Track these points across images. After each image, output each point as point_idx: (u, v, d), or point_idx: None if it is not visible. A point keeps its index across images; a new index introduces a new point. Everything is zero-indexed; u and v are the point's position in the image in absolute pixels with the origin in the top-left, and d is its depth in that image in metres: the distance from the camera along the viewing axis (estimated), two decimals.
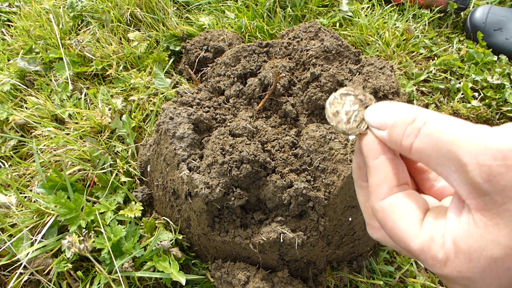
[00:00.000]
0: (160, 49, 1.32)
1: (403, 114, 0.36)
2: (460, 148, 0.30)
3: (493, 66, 1.40)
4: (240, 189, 0.75)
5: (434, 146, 0.32)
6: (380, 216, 0.38)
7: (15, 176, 0.99)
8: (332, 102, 0.43)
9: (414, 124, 0.35)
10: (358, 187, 0.44)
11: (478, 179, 0.29)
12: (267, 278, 0.80)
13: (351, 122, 0.42)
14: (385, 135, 0.38)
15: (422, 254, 0.34)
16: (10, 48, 1.34)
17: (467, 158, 0.29)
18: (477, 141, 0.29)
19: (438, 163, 0.32)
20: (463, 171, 0.30)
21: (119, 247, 0.83)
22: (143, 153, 1.01)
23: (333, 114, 0.43)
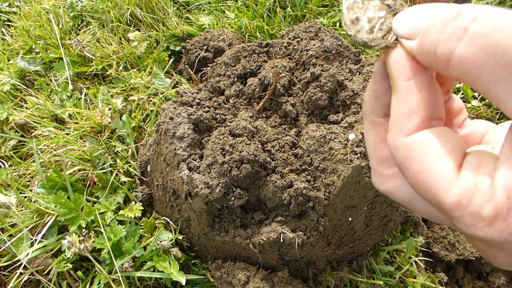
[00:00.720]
0: (160, 49, 1.32)
1: (443, 11, 0.25)
2: None
3: None
4: (240, 189, 0.75)
5: (490, 52, 0.22)
6: (402, 155, 0.28)
7: (15, 176, 0.99)
8: (351, 7, 0.33)
9: (457, 21, 0.24)
10: (370, 123, 0.35)
11: None
12: (267, 278, 0.80)
13: (375, 31, 0.32)
14: (416, 44, 0.27)
15: (458, 209, 0.25)
16: (10, 48, 1.34)
17: None
18: None
19: (493, 79, 0.23)
20: None
21: (119, 247, 0.83)
22: (143, 153, 1.01)
23: (352, 22, 0.33)
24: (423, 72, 0.29)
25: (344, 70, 0.92)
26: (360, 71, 0.92)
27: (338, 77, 0.89)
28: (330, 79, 0.88)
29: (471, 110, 1.29)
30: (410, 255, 0.99)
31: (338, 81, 0.89)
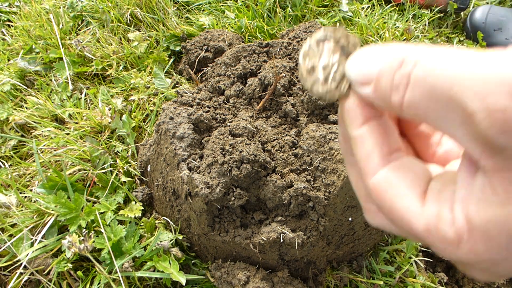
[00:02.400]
0: (160, 49, 1.32)
1: (389, 58, 0.27)
2: (463, 92, 0.22)
3: None
4: (240, 189, 0.75)
5: (430, 95, 0.24)
6: (375, 196, 0.31)
7: (15, 176, 0.99)
8: (307, 54, 0.33)
9: (402, 69, 0.26)
10: (348, 164, 0.36)
11: (491, 130, 0.21)
12: (267, 278, 0.80)
13: (329, 81, 0.32)
14: (371, 92, 0.29)
15: (429, 236, 0.27)
16: (10, 48, 1.34)
17: (473, 103, 0.22)
18: (484, 76, 0.21)
19: (438, 117, 0.24)
20: (471, 122, 0.22)
21: (119, 247, 0.83)
22: (143, 153, 1.01)
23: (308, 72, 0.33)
24: (373, 117, 0.31)
25: None
26: None
27: None
28: None
29: None
30: (410, 255, 0.99)
31: None
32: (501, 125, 0.21)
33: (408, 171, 0.30)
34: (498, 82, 0.20)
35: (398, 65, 0.26)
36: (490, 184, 0.24)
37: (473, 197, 0.25)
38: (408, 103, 0.26)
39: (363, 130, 0.31)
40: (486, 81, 0.21)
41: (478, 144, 0.23)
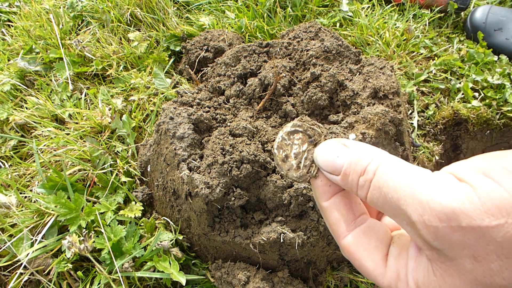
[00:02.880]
0: (160, 49, 1.32)
1: (353, 160, 0.36)
2: (407, 206, 0.31)
3: (494, 66, 1.40)
4: (240, 189, 0.75)
5: (385, 201, 0.33)
6: (346, 254, 0.39)
7: (15, 176, 0.99)
8: (280, 146, 0.40)
9: (365, 175, 0.35)
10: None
11: (428, 237, 0.30)
12: (267, 278, 0.80)
13: (301, 167, 0.39)
14: (340, 181, 0.37)
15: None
16: (10, 48, 1.34)
17: (414, 217, 0.30)
18: (422, 199, 0.30)
19: (392, 215, 0.33)
20: (414, 227, 0.31)
21: (119, 247, 0.83)
22: (143, 153, 1.01)
23: (282, 160, 0.40)
24: (338, 192, 0.39)
25: (344, 70, 0.92)
26: (360, 71, 0.92)
27: (338, 77, 0.89)
28: (330, 79, 0.88)
29: (471, 110, 1.29)
30: None
31: (338, 81, 0.89)
32: (434, 235, 0.29)
33: (371, 235, 0.38)
34: (431, 208, 0.29)
35: (362, 172, 0.35)
36: (431, 267, 0.32)
37: (420, 271, 0.33)
38: (370, 200, 0.35)
39: (330, 203, 0.39)
40: (423, 204, 0.30)
41: (420, 241, 0.31)
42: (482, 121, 1.30)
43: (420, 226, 0.30)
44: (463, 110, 1.29)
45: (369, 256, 0.37)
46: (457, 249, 0.29)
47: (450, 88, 1.36)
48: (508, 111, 1.30)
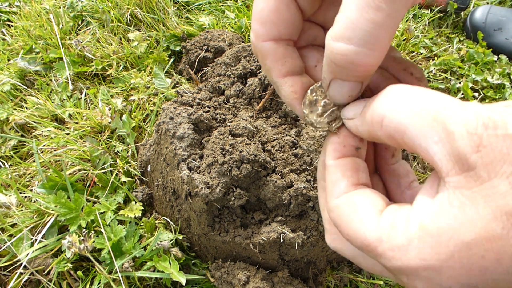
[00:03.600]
0: (160, 49, 1.32)
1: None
2: (447, 116, 0.26)
3: (493, 66, 1.40)
4: (240, 189, 0.75)
5: (416, 112, 0.28)
6: (334, 215, 0.34)
7: (15, 176, 0.99)
8: (315, 90, 0.39)
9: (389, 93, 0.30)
10: (320, 188, 0.40)
11: (466, 148, 0.25)
12: (267, 278, 0.80)
13: (325, 116, 0.38)
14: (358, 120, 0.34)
15: (380, 245, 0.28)
16: (10, 48, 1.34)
17: (455, 125, 0.26)
18: (468, 110, 0.26)
19: (417, 134, 0.28)
20: (449, 140, 0.26)
21: (119, 247, 0.83)
22: (143, 153, 1.01)
23: (310, 102, 0.39)
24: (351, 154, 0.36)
25: None
26: None
27: None
28: None
29: None
30: None
31: None
32: (476, 145, 0.25)
33: (370, 195, 0.33)
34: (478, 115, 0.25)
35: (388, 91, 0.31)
36: (448, 199, 0.26)
37: (429, 210, 0.27)
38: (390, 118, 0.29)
39: (337, 162, 0.36)
40: (468, 112, 0.26)
41: (450, 160, 0.26)
42: None
43: (460, 135, 0.25)
44: None
45: (361, 210, 0.31)
46: (497, 164, 0.24)
47: (450, 88, 1.36)
48: None
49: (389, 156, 0.42)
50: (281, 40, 0.38)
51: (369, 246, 0.29)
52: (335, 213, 0.33)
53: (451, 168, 0.26)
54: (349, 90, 0.34)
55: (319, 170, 0.40)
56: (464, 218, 0.25)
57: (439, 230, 0.26)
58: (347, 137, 0.37)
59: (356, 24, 0.29)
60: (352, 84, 0.34)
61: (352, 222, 0.31)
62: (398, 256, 0.27)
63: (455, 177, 0.26)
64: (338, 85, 0.35)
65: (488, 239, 0.24)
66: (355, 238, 0.31)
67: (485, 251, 0.24)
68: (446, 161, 0.26)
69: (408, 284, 0.28)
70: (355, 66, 0.31)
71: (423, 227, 0.26)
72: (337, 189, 0.35)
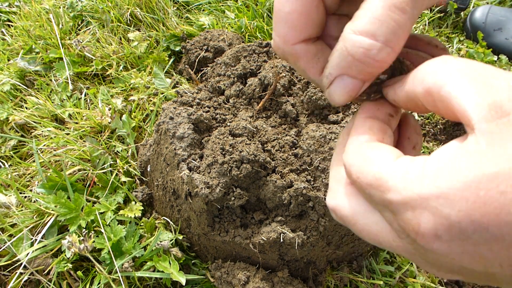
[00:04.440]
0: (160, 49, 1.32)
1: None
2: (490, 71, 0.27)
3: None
4: (240, 189, 0.75)
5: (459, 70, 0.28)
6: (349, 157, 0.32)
7: (15, 176, 0.99)
8: None
9: None
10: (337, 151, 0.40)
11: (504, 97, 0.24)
12: (267, 278, 0.80)
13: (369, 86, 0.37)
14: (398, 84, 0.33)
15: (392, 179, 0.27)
16: (10, 48, 1.34)
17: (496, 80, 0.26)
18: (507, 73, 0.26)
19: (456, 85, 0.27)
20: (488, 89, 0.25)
21: (119, 247, 0.83)
22: (143, 153, 1.01)
23: None
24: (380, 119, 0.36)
25: None
26: None
27: None
28: None
29: None
30: None
31: None
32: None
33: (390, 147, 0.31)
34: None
35: None
36: (475, 139, 0.24)
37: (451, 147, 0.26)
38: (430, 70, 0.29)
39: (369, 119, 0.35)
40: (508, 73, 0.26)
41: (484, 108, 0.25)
42: None
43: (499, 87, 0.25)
44: None
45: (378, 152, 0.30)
46: None
47: None
48: None
49: (410, 148, 0.40)
50: (310, 40, 0.38)
51: (380, 180, 0.28)
52: (350, 155, 0.32)
53: (484, 114, 0.24)
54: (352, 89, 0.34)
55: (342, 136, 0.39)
56: (490, 153, 0.23)
57: (460, 160, 0.24)
58: (383, 104, 0.37)
59: (382, 22, 0.29)
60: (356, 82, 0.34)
61: (367, 160, 0.30)
62: (410, 186, 0.26)
63: (486, 124, 0.24)
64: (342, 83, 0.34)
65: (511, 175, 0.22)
66: (367, 173, 0.29)
67: (506, 187, 0.22)
68: (480, 109, 0.25)
69: (411, 221, 0.26)
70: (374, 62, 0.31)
71: (441, 160, 0.25)
72: (359, 139, 0.33)
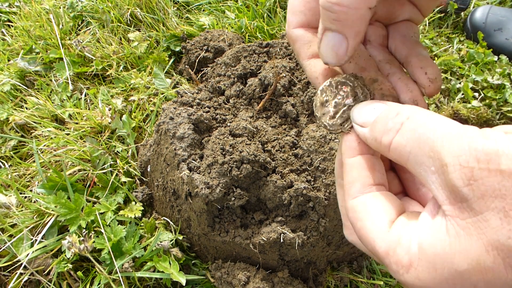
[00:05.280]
0: (160, 49, 1.32)
1: (388, 109, 0.34)
2: (443, 147, 0.27)
3: (494, 66, 1.40)
4: (240, 189, 0.75)
5: (416, 141, 0.30)
6: (350, 215, 0.36)
7: (15, 176, 0.99)
8: (325, 90, 0.40)
9: (396, 118, 0.32)
10: (338, 185, 0.42)
11: (458, 181, 0.26)
12: (267, 278, 0.80)
13: (337, 117, 0.39)
14: (367, 131, 0.35)
15: (387, 258, 0.31)
16: (10, 48, 1.34)
17: (449, 158, 0.27)
18: (462, 141, 0.27)
19: (417, 162, 0.30)
20: (443, 171, 0.27)
21: (119, 247, 0.83)
22: (143, 153, 1.01)
23: (321, 104, 0.40)
24: (366, 151, 0.37)
25: None
26: None
27: None
28: None
29: (471, 111, 1.29)
30: None
31: None
32: (467, 178, 0.26)
33: (383, 201, 0.35)
34: (471, 148, 0.26)
35: (394, 115, 0.33)
36: (446, 226, 0.28)
37: (428, 232, 0.29)
38: (396, 144, 0.32)
39: (354, 160, 0.37)
40: (463, 145, 0.27)
41: (444, 191, 0.28)
42: (482, 121, 1.30)
43: (452, 168, 0.26)
44: (463, 110, 1.29)
45: (374, 217, 0.33)
46: (488, 199, 0.25)
47: (450, 88, 1.36)
48: (508, 111, 1.30)
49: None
50: (310, 28, 0.42)
51: (378, 255, 0.32)
52: (351, 213, 0.36)
53: (445, 198, 0.28)
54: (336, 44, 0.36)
55: (337, 168, 0.42)
56: (459, 247, 0.26)
57: (436, 257, 0.28)
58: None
59: None
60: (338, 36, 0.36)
61: (365, 228, 0.34)
62: (401, 272, 0.30)
63: (449, 206, 0.28)
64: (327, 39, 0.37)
65: (480, 271, 0.26)
66: (367, 244, 0.33)
67: (477, 281, 0.26)
68: (441, 191, 0.28)
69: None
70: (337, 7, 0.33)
71: (422, 251, 0.29)
72: (353, 189, 0.36)
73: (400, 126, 0.32)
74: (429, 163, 0.29)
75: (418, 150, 0.30)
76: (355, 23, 0.35)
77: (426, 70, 0.40)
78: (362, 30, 0.37)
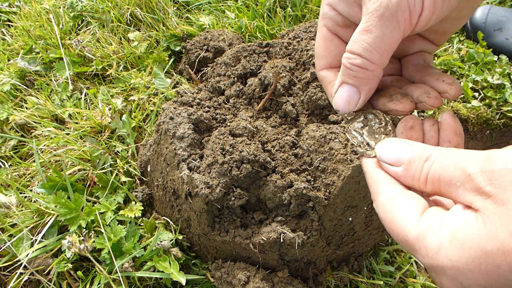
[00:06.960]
0: (160, 49, 1.32)
1: (418, 151, 0.40)
2: (465, 162, 0.34)
3: (493, 66, 1.40)
4: (240, 189, 0.75)
5: (445, 166, 0.36)
6: (380, 211, 0.40)
7: (15, 176, 0.99)
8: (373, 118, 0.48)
9: (429, 160, 0.38)
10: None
11: (482, 183, 0.32)
12: (267, 278, 0.80)
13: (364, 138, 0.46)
14: (400, 171, 0.41)
15: (417, 243, 0.35)
16: (10, 48, 1.34)
17: (471, 168, 0.33)
18: (481, 155, 0.33)
19: (447, 182, 0.35)
20: (468, 180, 0.33)
21: (119, 247, 0.83)
22: (143, 153, 1.01)
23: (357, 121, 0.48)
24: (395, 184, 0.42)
25: None
26: None
27: None
28: None
29: (471, 110, 1.29)
30: (410, 255, 0.99)
31: None
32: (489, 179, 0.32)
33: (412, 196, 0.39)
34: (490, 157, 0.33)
35: (426, 158, 0.38)
36: (475, 216, 0.33)
37: (460, 220, 0.34)
38: (432, 175, 0.37)
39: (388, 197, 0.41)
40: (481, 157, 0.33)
41: (472, 195, 0.33)
42: (482, 121, 1.30)
43: (475, 174, 0.32)
44: (463, 110, 1.29)
45: (405, 208, 0.38)
46: (509, 192, 0.30)
47: None
48: (508, 111, 1.30)
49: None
50: (332, 68, 0.51)
51: (408, 242, 0.36)
52: (381, 209, 0.40)
53: (474, 200, 0.33)
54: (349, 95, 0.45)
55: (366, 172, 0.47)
56: (485, 231, 0.31)
57: (465, 238, 0.32)
58: None
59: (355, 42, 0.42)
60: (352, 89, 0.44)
61: (395, 220, 0.38)
62: (431, 255, 0.34)
63: (478, 202, 0.33)
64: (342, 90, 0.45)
65: (503, 252, 0.30)
66: (397, 234, 0.37)
67: (500, 261, 0.30)
68: (469, 196, 0.34)
69: (436, 280, 0.35)
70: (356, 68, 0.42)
71: (452, 234, 0.33)
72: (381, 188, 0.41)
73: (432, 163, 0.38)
74: (455, 180, 0.34)
75: (446, 171, 0.36)
76: (370, 82, 0.44)
77: (443, 79, 0.46)
78: (374, 87, 0.45)
